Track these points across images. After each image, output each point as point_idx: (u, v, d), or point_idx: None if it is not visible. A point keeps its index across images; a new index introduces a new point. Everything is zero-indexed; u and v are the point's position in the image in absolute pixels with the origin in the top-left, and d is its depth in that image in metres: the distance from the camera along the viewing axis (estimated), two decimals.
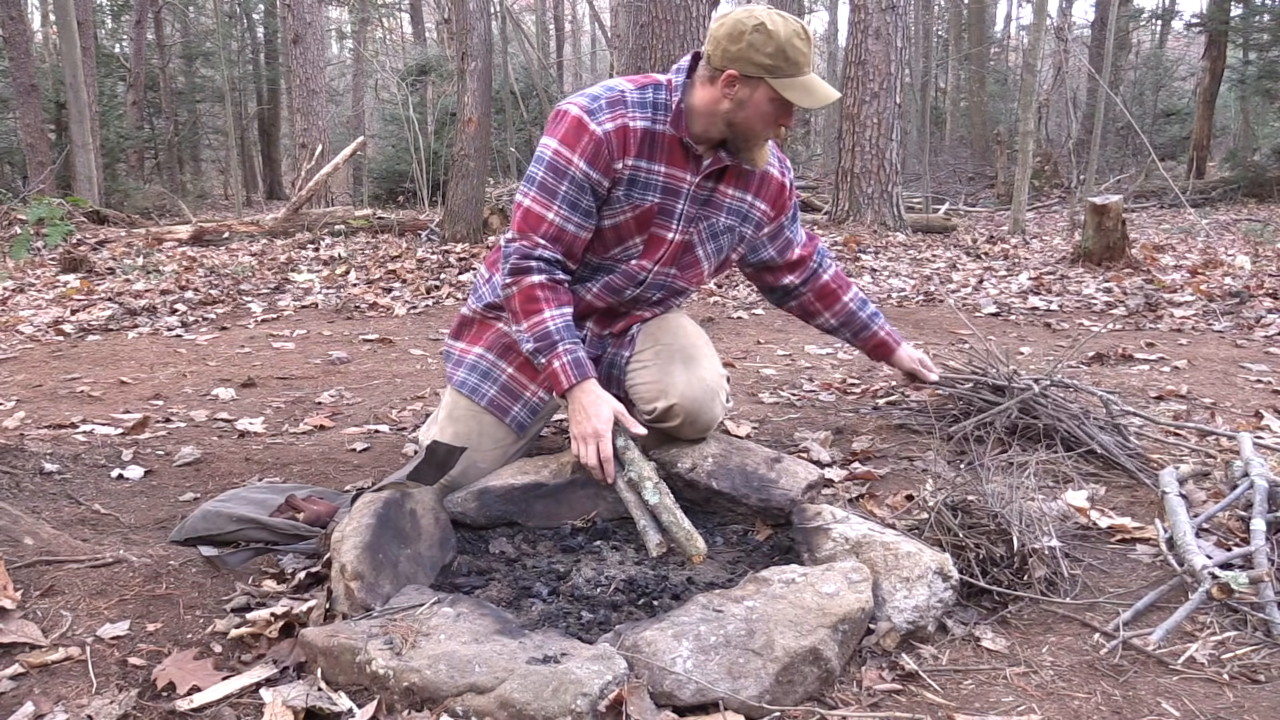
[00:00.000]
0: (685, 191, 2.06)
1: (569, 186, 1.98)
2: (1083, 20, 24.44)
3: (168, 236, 8.25)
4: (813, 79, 1.92)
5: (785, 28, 1.87)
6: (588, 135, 1.95)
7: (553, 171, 1.98)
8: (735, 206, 2.15)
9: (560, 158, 1.98)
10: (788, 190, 2.24)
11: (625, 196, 2.03)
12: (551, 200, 1.99)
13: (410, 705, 1.36)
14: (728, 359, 3.74)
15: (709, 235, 2.15)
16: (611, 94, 2.00)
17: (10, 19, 11.15)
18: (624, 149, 1.98)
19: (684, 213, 2.08)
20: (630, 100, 2.00)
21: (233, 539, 1.94)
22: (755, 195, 2.17)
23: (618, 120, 1.97)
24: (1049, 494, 2.14)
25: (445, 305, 5.49)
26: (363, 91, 23.71)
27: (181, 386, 3.45)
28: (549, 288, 1.99)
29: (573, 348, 1.97)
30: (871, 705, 1.42)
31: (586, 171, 1.97)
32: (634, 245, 2.10)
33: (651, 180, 2.03)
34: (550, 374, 1.98)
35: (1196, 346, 3.93)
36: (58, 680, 1.47)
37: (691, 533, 1.83)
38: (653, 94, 2.02)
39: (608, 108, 1.98)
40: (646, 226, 2.08)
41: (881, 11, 8.50)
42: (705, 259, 2.18)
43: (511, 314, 2.04)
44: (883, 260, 6.93)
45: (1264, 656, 1.51)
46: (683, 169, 2.04)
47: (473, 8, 7.67)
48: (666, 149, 2.02)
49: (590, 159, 1.97)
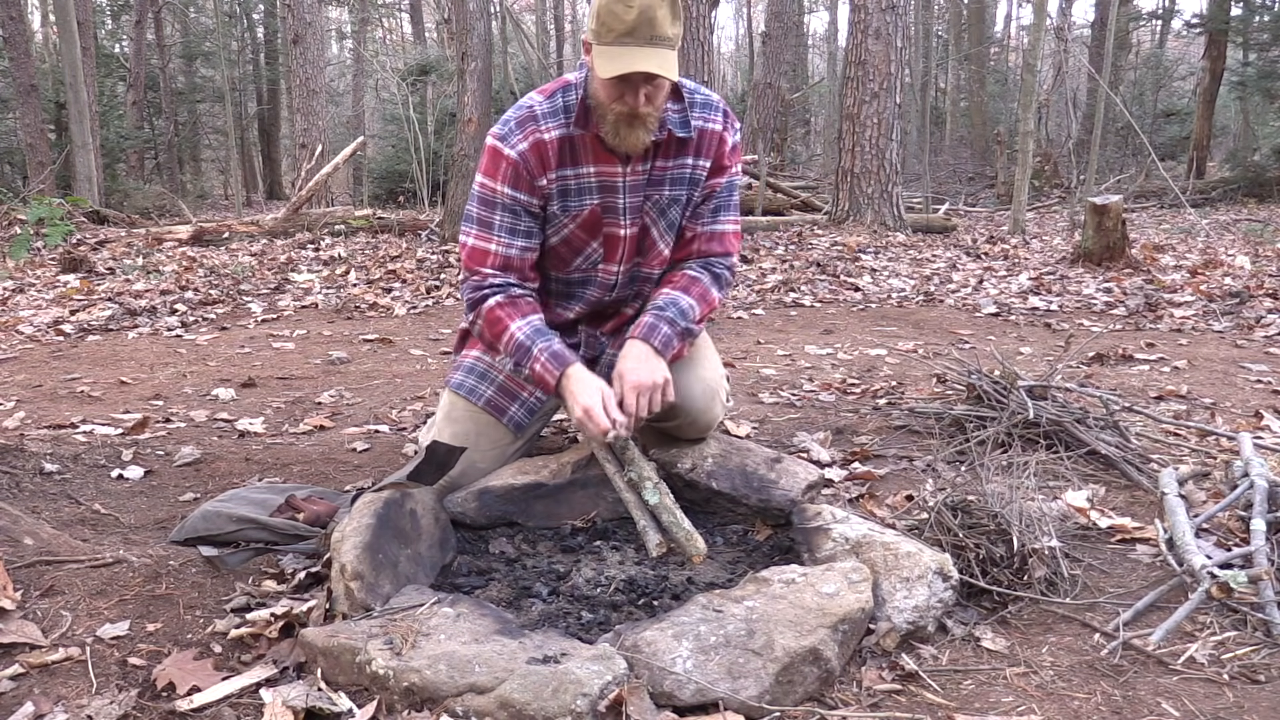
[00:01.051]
0: (620, 184, 1.99)
1: (501, 214, 1.98)
2: (1083, 20, 24.46)
3: (168, 236, 8.26)
4: (624, 49, 1.76)
5: None
6: (504, 161, 1.94)
7: (484, 204, 1.98)
8: (677, 175, 2.03)
9: (486, 189, 1.98)
10: (728, 149, 2.06)
11: (562, 210, 2.00)
12: (489, 231, 1.99)
13: (410, 705, 1.36)
14: (728, 359, 3.74)
15: (658, 214, 2.06)
16: (521, 112, 1.96)
17: (10, 19, 11.16)
18: (542, 165, 1.95)
19: (627, 206, 2.02)
20: (540, 113, 1.94)
21: (233, 539, 1.94)
22: (697, 156, 2.03)
23: (529, 138, 1.93)
24: (1049, 494, 2.14)
25: (445, 305, 5.49)
26: (363, 91, 23.72)
27: (181, 386, 3.45)
28: (506, 305, 1.99)
29: (546, 345, 1.94)
30: (871, 705, 1.42)
31: (513, 195, 1.96)
32: (594, 251, 2.07)
33: (584, 184, 1.99)
34: (536, 379, 1.97)
35: (1196, 346, 3.93)
36: (58, 680, 1.47)
37: (691, 533, 1.83)
38: (561, 98, 1.96)
39: (518, 129, 1.94)
40: (598, 230, 2.04)
41: (881, 11, 8.50)
42: (659, 238, 2.09)
43: (487, 347, 2.07)
44: (883, 260, 6.93)
45: (1264, 656, 1.51)
46: (611, 163, 1.97)
47: (473, 8, 7.67)
48: (589, 148, 1.96)
49: (512, 183, 1.95)
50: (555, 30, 24.37)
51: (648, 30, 1.76)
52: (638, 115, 1.85)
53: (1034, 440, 2.42)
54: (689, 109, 2.01)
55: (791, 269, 6.50)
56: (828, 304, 5.36)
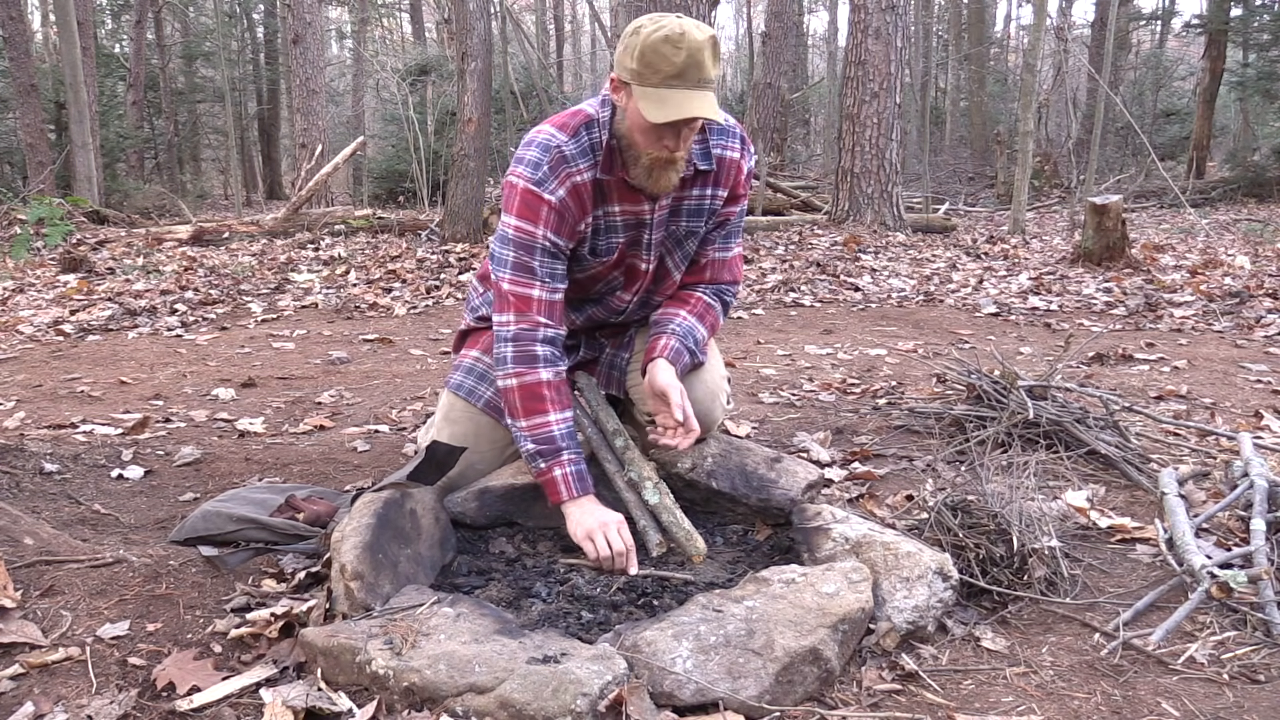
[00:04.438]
0: (650, 221, 1.98)
1: (541, 258, 1.90)
2: (1083, 20, 24.45)
3: (168, 236, 8.25)
4: (674, 92, 1.72)
5: (657, 32, 1.71)
6: (545, 206, 1.87)
7: (523, 249, 1.90)
8: (695, 206, 2.02)
9: (524, 234, 1.89)
10: (744, 178, 2.05)
11: (591, 252, 1.98)
12: (532, 277, 1.90)
13: (410, 705, 1.36)
14: (728, 359, 3.74)
15: (674, 245, 2.07)
16: (550, 155, 1.88)
17: (10, 19, 11.15)
18: (581, 210, 1.91)
19: (653, 241, 2.02)
20: (569, 154, 1.88)
21: (233, 539, 1.94)
22: (716, 186, 2.02)
23: (565, 182, 1.87)
24: (1049, 494, 2.14)
25: (445, 305, 5.49)
26: (363, 91, 23.71)
27: (181, 386, 3.45)
28: (555, 387, 1.90)
29: (576, 458, 1.88)
30: (871, 705, 1.42)
31: (555, 241, 1.90)
32: (615, 280, 2.08)
33: (613, 221, 1.96)
34: (549, 481, 1.88)
35: (1196, 346, 3.93)
36: (58, 680, 1.47)
37: (691, 533, 1.83)
38: (586, 137, 1.90)
39: (551, 174, 1.87)
40: (622, 264, 2.04)
41: (881, 11, 8.50)
42: (674, 269, 2.11)
43: (508, 406, 1.92)
44: (883, 260, 6.93)
45: (1264, 656, 1.51)
46: (637, 202, 1.94)
47: (473, 8, 7.67)
48: (615, 189, 1.92)
49: (555, 229, 1.89)
50: (555, 30, 24.36)
51: (695, 74, 1.72)
52: (673, 159, 1.84)
53: (1034, 440, 2.42)
54: (708, 135, 1.98)
55: (791, 269, 6.50)
56: (828, 304, 5.36)
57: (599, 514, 1.84)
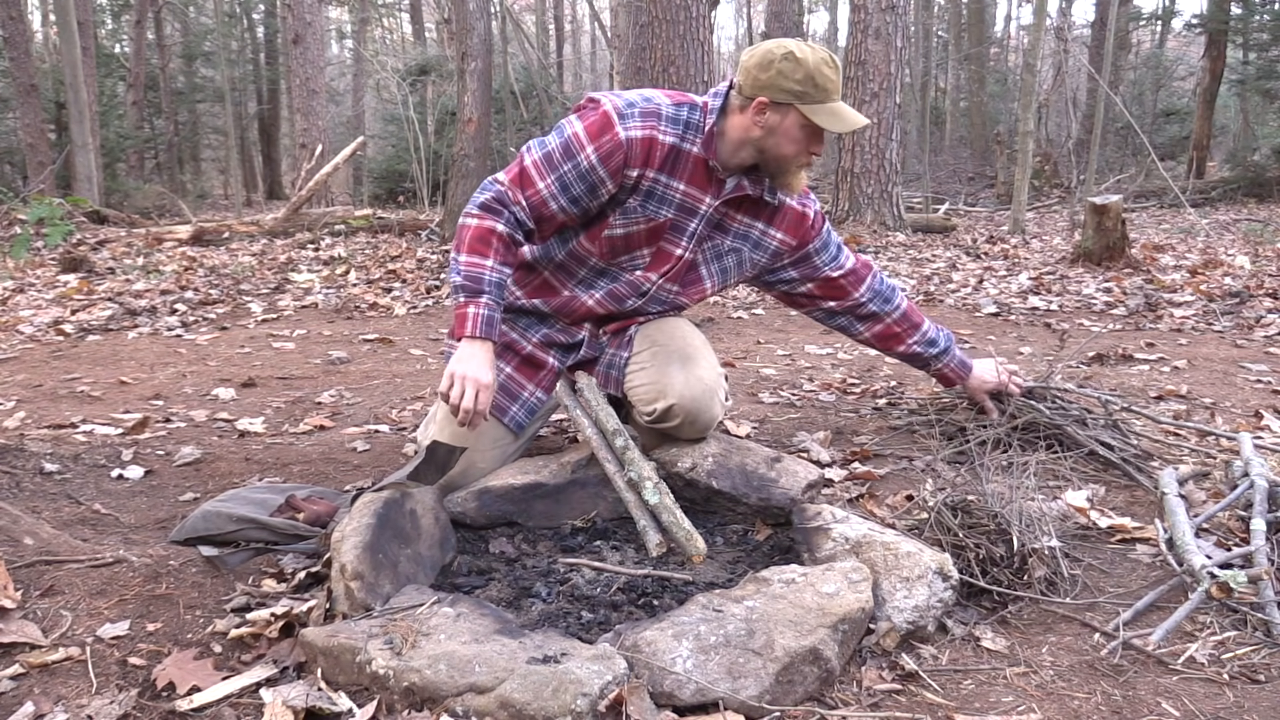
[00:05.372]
0: (702, 213, 2.11)
1: (571, 169, 2.00)
2: (1083, 20, 24.46)
3: (168, 236, 8.25)
4: (841, 105, 1.97)
5: (814, 56, 1.93)
6: (610, 135, 1.98)
7: (564, 150, 2.00)
8: (743, 231, 2.19)
9: (576, 141, 2.00)
10: (810, 219, 2.26)
11: (641, 207, 2.06)
12: (549, 172, 2.01)
13: (410, 705, 1.36)
14: (728, 359, 3.74)
15: (713, 256, 2.20)
16: (648, 104, 2.02)
17: (10, 19, 11.15)
18: (646, 159, 2.01)
19: (697, 232, 2.12)
20: (665, 114, 2.02)
21: (233, 539, 1.94)
22: (767, 224, 2.20)
23: (647, 130, 1.99)
24: (1049, 494, 2.14)
25: (445, 305, 5.49)
26: (363, 91, 23.71)
27: (181, 386, 3.45)
28: (505, 240, 2.00)
29: (494, 306, 1.97)
30: (871, 705, 1.42)
31: (594, 165, 1.99)
32: (641, 256, 2.14)
33: (669, 196, 2.07)
34: (461, 315, 1.97)
35: (1196, 346, 3.93)
36: (58, 680, 1.47)
37: (691, 533, 1.83)
38: (687, 113, 2.04)
39: (640, 116, 1.99)
40: (656, 239, 2.11)
41: (881, 11, 8.50)
42: (708, 278, 2.23)
43: (458, 240, 2.02)
44: (883, 260, 6.93)
45: (1264, 656, 1.51)
46: (703, 190, 2.08)
47: (473, 8, 7.67)
48: (690, 168, 2.05)
49: (604, 157, 1.98)
50: (555, 30, 24.35)
51: (841, 89, 1.99)
52: (810, 163, 2.08)
53: (1034, 440, 2.42)
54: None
55: None
56: None
57: (481, 366, 1.93)
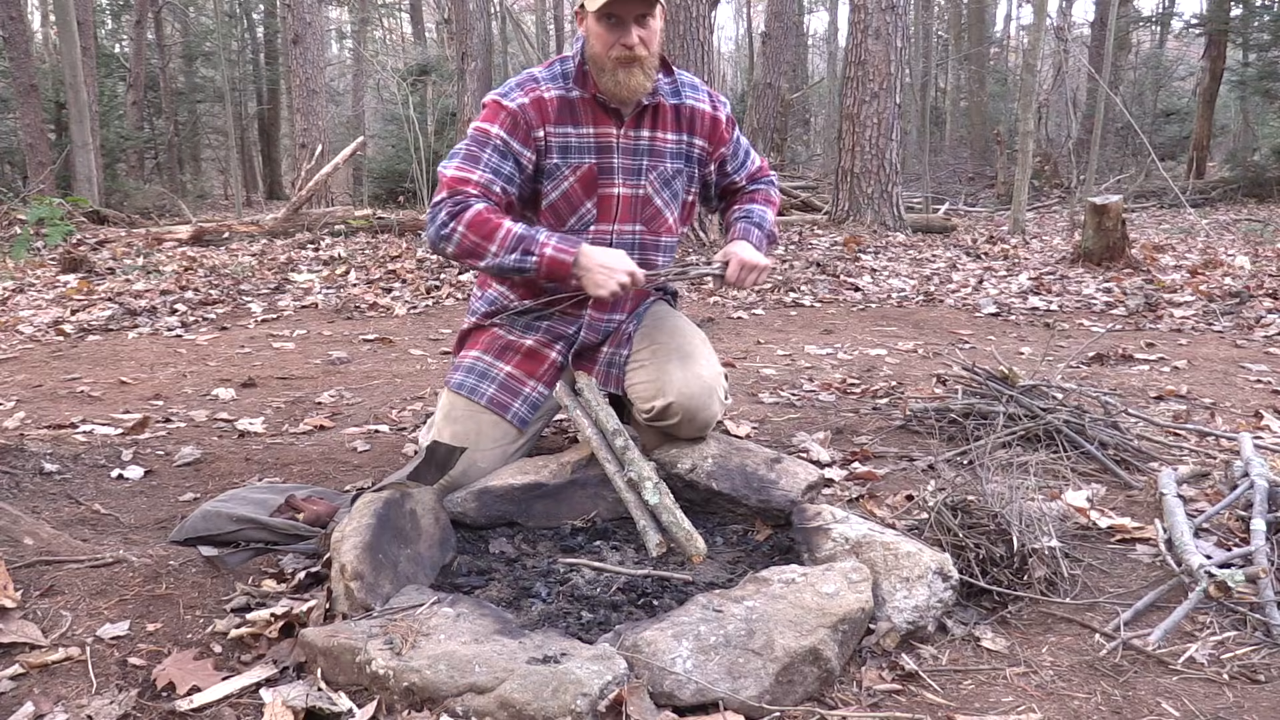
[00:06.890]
0: (614, 145, 2.13)
1: (490, 152, 2.05)
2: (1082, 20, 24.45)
3: (168, 236, 8.25)
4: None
5: None
6: (503, 111, 2.06)
7: (475, 143, 2.07)
8: (676, 150, 2.20)
9: (480, 132, 2.07)
10: (723, 123, 2.27)
11: (562, 163, 2.11)
12: (475, 165, 2.05)
13: (410, 705, 1.36)
14: (728, 359, 3.74)
15: (662, 184, 2.20)
16: (524, 77, 2.13)
17: (10, 19, 11.15)
18: (542, 118, 2.07)
19: (620, 166, 2.14)
20: (540, 77, 2.11)
21: (233, 539, 1.94)
22: (691, 134, 2.22)
23: (530, 94, 2.07)
24: (1049, 494, 2.14)
25: (445, 305, 5.49)
26: (363, 91, 23.72)
27: (181, 386, 3.45)
28: (494, 210, 2.01)
29: (551, 234, 2.00)
30: (871, 705, 1.42)
31: (506, 139, 2.05)
32: (587, 211, 2.15)
33: (583, 143, 2.11)
34: (548, 262, 1.96)
35: (1196, 346, 3.93)
36: (58, 680, 1.47)
37: (691, 533, 1.83)
38: (560, 66, 2.14)
39: (518, 88, 2.09)
40: (593, 190, 2.14)
41: (881, 11, 8.50)
42: (664, 207, 2.23)
43: (465, 252, 1.99)
44: (883, 260, 6.93)
45: (1264, 656, 1.51)
46: (607, 124, 2.12)
47: (473, 8, 7.67)
48: (588, 111, 2.11)
49: (509, 129, 2.05)
50: (555, 30, 24.34)
51: None
52: (635, 58, 2.00)
53: (1034, 440, 2.42)
54: (679, 85, 2.20)
55: (791, 269, 6.50)
56: (828, 304, 5.36)
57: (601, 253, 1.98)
